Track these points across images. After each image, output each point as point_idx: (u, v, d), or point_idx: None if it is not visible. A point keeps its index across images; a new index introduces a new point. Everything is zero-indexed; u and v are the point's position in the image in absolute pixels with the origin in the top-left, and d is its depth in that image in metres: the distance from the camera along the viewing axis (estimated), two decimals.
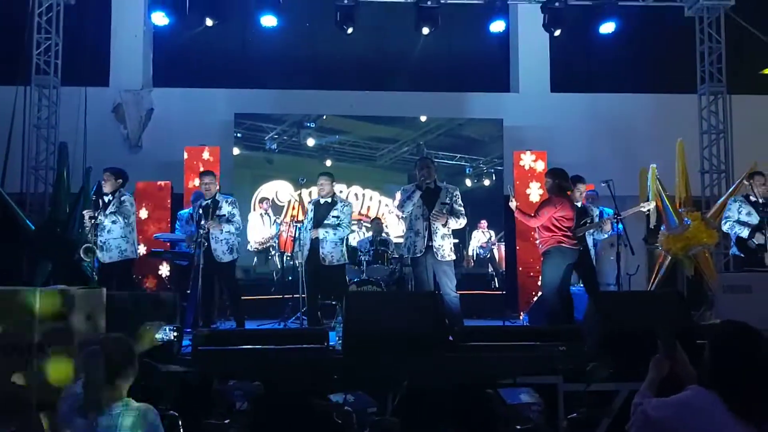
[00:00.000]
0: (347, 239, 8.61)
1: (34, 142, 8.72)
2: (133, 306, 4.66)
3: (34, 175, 8.69)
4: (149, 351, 3.31)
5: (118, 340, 2.74)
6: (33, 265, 7.23)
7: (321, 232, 6.72)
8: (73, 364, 3.10)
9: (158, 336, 3.34)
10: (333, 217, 6.79)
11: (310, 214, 6.91)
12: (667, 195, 7.98)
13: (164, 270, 8.79)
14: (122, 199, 6.71)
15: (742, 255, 6.48)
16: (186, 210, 8.24)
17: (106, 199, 6.73)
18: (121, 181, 6.82)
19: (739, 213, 6.53)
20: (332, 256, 6.79)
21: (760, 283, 4.00)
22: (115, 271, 6.71)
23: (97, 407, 2.54)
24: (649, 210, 7.40)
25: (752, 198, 6.54)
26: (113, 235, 6.66)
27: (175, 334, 3.60)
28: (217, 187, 6.94)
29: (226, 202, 6.85)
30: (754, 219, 6.46)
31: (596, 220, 6.71)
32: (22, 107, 8.48)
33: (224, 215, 6.75)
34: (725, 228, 6.68)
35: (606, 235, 6.73)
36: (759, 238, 6.33)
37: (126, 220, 6.67)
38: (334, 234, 6.78)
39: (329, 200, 6.90)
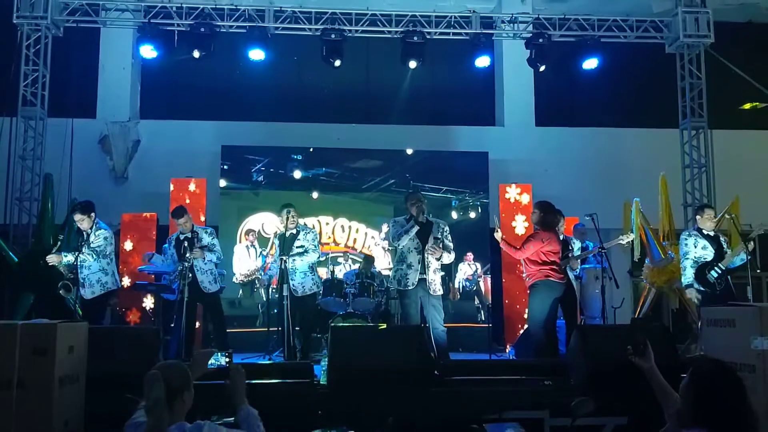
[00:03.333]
0: (333, 270, 8.51)
1: (19, 173, 8.65)
2: (115, 340, 4.60)
3: (18, 207, 8.60)
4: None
5: (175, 366, 2.91)
6: (15, 298, 7.15)
7: (289, 261, 6.58)
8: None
9: (211, 362, 3.38)
10: (296, 247, 6.67)
11: (276, 248, 6.84)
12: (651, 228, 8.06)
13: (148, 303, 8.69)
14: (98, 233, 6.50)
15: (703, 289, 6.56)
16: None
17: (84, 234, 6.53)
18: (94, 214, 6.56)
19: (695, 247, 6.61)
20: (303, 287, 6.72)
21: (743, 317, 4.01)
22: (96, 305, 6.53)
23: (159, 430, 2.61)
24: (628, 243, 7.45)
25: (704, 231, 6.63)
26: (92, 270, 6.44)
27: (226, 360, 3.56)
28: (192, 222, 6.87)
29: (206, 233, 6.84)
30: (710, 252, 6.54)
31: (576, 253, 6.77)
32: (7, 138, 8.45)
33: (205, 246, 6.70)
34: (687, 265, 6.78)
35: (576, 272, 6.77)
36: (710, 275, 6.44)
37: (104, 254, 6.49)
38: (302, 262, 6.67)
39: (294, 231, 6.77)
